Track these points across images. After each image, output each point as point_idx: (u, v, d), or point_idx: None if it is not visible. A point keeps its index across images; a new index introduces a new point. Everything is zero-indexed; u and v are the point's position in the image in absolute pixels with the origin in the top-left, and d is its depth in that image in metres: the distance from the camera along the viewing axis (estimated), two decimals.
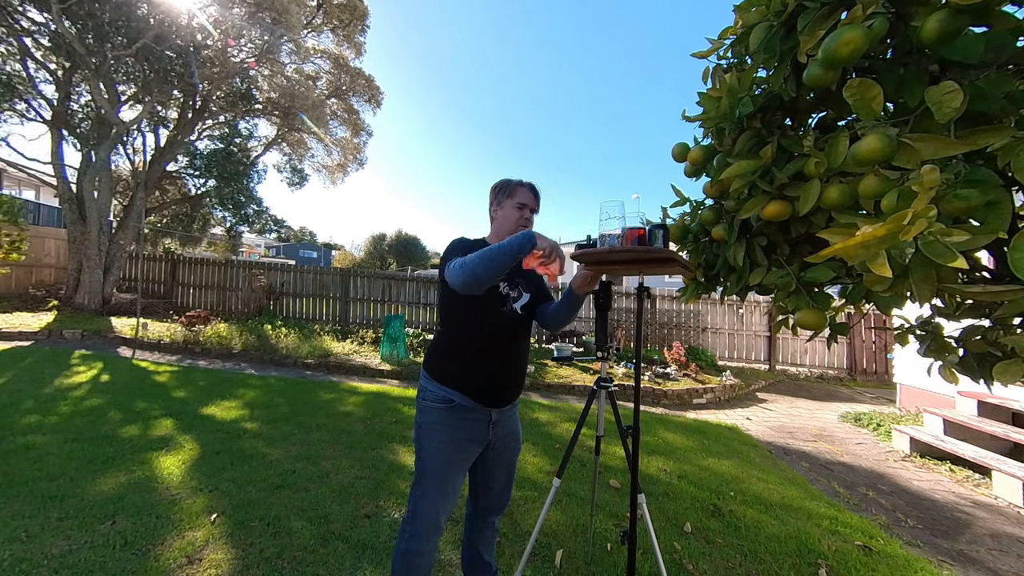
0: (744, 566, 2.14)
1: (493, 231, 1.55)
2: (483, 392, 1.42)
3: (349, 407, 4.26)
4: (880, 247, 0.66)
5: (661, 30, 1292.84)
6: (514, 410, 1.57)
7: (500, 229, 1.51)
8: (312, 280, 9.22)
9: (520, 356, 1.52)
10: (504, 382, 1.46)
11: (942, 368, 1.02)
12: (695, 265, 1.40)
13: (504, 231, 1.48)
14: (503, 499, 1.61)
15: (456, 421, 1.40)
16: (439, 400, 1.42)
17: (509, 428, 1.54)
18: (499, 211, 1.52)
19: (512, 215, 1.49)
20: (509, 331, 1.46)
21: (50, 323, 7.07)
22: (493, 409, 1.44)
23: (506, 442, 1.54)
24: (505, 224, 1.50)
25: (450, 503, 1.40)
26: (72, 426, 3.24)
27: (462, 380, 1.41)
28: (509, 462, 1.57)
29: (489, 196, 1.57)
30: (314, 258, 48.08)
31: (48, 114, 8.72)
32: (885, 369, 8.21)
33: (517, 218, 1.49)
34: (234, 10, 8.68)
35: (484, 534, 1.64)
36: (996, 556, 2.53)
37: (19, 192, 14.86)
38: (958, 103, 0.66)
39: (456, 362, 1.43)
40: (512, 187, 1.51)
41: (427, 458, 1.41)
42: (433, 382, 1.45)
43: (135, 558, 1.87)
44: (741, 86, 1.07)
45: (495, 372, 1.44)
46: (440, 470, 1.39)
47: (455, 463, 1.40)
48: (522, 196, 1.50)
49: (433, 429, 1.42)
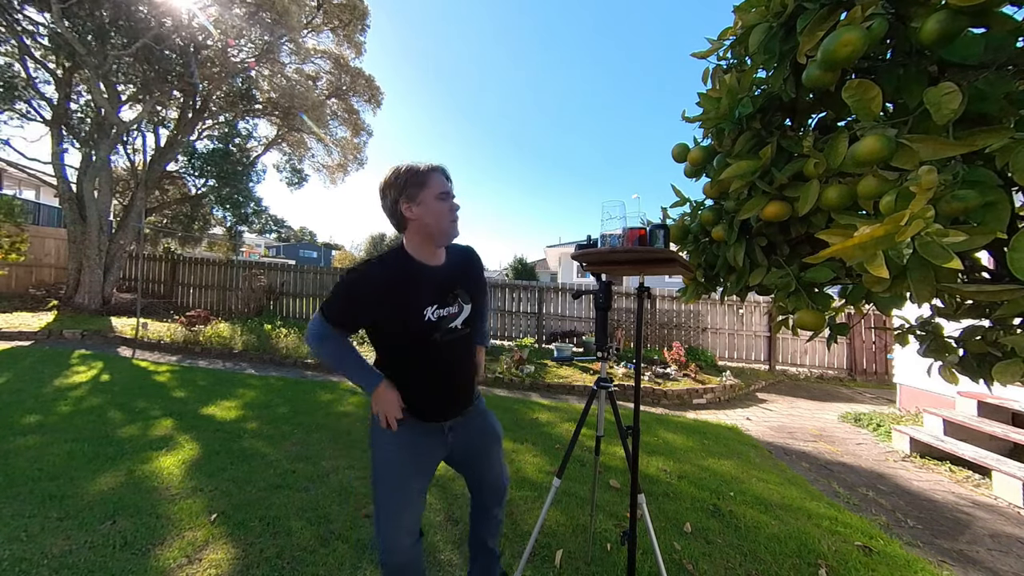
0: (744, 566, 2.14)
1: (413, 230, 1.28)
2: (429, 413, 1.37)
3: (349, 407, 4.26)
4: (877, 248, 0.66)
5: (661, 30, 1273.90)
6: (475, 412, 1.49)
7: (430, 228, 1.26)
8: (312, 280, 9.22)
9: (463, 371, 1.43)
10: (450, 400, 1.40)
11: (942, 368, 1.02)
12: (695, 265, 1.41)
13: (437, 228, 1.27)
14: (500, 489, 1.58)
15: (407, 433, 1.33)
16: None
17: (476, 427, 1.49)
18: (416, 208, 1.25)
19: (439, 208, 1.26)
20: (447, 353, 1.33)
21: (50, 323, 7.07)
22: (444, 422, 1.40)
23: (479, 440, 1.49)
24: (436, 221, 1.26)
25: (413, 508, 1.32)
26: (72, 426, 3.25)
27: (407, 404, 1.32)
28: (488, 456, 1.52)
29: (390, 193, 1.26)
30: (314, 258, 48.09)
31: (48, 114, 8.71)
32: (885, 369, 8.20)
33: (448, 210, 1.27)
34: (234, 10, 8.68)
35: (488, 525, 1.62)
36: (996, 556, 2.53)
37: (19, 192, 14.85)
38: (957, 104, 0.66)
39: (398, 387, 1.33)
40: (423, 176, 1.25)
41: (380, 469, 1.33)
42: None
43: (135, 558, 1.87)
44: (741, 87, 1.07)
45: (438, 395, 1.37)
46: (392, 480, 1.31)
47: (410, 474, 1.32)
48: (440, 184, 1.27)
49: (382, 442, 1.34)
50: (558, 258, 22.93)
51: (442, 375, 1.35)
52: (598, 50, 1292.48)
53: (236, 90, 10.20)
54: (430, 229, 1.27)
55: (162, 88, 8.72)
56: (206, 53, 8.93)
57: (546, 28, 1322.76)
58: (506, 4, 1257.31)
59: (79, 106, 9.30)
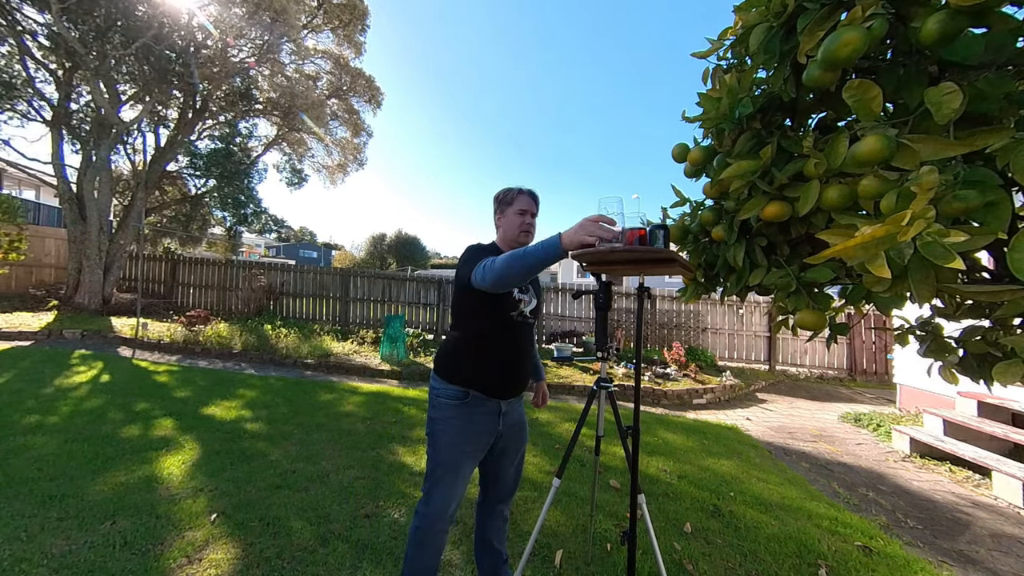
0: (744, 566, 2.14)
1: (500, 237, 1.67)
2: (493, 386, 1.55)
3: (349, 407, 4.26)
4: (878, 248, 0.66)
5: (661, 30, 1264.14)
6: (520, 402, 1.72)
7: (506, 235, 1.64)
8: (312, 280, 9.22)
9: (527, 353, 1.65)
10: (513, 376, 1.59)
11: (942, 368, 1.02)
12: (695, 265, 1.40)
13: (510, 236, 1.62)
14: (512, 487, 1.73)
15: (469, 415, 1.53)
16: (452, 396, 1.53)
17: (517, 418, 1.68)
18: (503, 219, 1.64)
19: (515, 221, 1.61)
20: (518, 331, 1.59)
21: (50, 323, 7.07)
22: (503, 400, 1.58)
23: (515, 431, 1.67)
24: (510, 230, 1.62)
25: (460, 489, 1.54)
26: (72, 426, 3.25)
27: (474, 378, 1.53)
28: (518, 451, 1.70)
29: (493, 205, 1.69)
30: (314, 258, 48.07)
31: (48, 114, 8.71)
32: (885, 369, 8.20)
33: (520, 223, 1.61)
34: (234, 10, 8.67)
35: (494, 522, 1.75)
36: (996, 556, 2.53)
37: (19, 192, 14.86)
38: (957, 104, 0.66)
39: (469, 361, 1.54)
40: (512, 195, 1.63)
41: (442, 450, 1.52)
42: (444, 383, 1.55)
43: (135, 558, 1.87)
44: (741, 87, 1.07)
45: (505, 368, 1.57)
46: (454, 461, 1.51)
47: (468, 454, 1.53)
48: (522, 203, 1.62)
49: (447, 423, 1.53)
50: None
51: (514, 350, 1.59)
52: (598, 50, 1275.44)
53: (236, 90, 10.19)
54: (507, 235, 1.63)
55: (162, 88, 8.72)
56: (206, 53, 8.92)
57: (546, 28, 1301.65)
58: (506, 4, 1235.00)
59: (79, 106, 9.30)
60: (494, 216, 1.69)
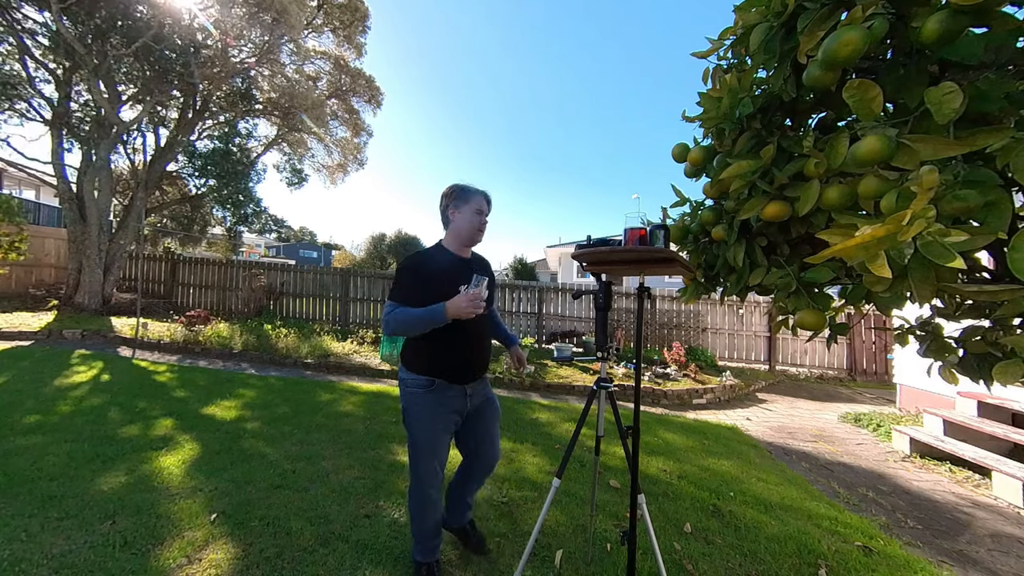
0: (744, 566, 2.14)
1: (452, 229, 1.76)
2: (455, 375, 1.70)
3: (349, 407, 4.26)
4: (879, 248, 0.66)
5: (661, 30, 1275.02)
6: (485, 382, 1.88)
7: (459, 228, 1.74)
8: (312, 280, 9.21)
9: (484, 339, 1.82)
10: (473, 363, 1.75)
11: (942, 368, 1.02)
12: (695, 265, 1.40)
13: (464, 232, 1.74)
14: (493, 457, 1.88)
15: (437, 398, 1.68)
16: (420, 385, 1.68)
17: (485, 395, 1.86)
18: (457, 213, 1.73)
19: (473, 220, 1.72)
20: (471, 324, 1.67)
21: (50, 323, 7.07)
22: (467, 385, 1.74)
23: (485, 406, 1.85)
24: (464, 225, 1.73)
25: (442, 458, 1.73)
26: (72, 426, 3.24)
27: (438, 368, 1.68)
28: (491, 424, 1.87)
29: (443, 199, 1.77)
30: (314, 258, 48.04)
31: (48, 114, 8.70)
32: (885, 369, 8.20)
33: (478, 223, 1.74)
34: (234, 10, 8.67)
35: (472, 486, 1.95)
36: (996, 556, 2.53)
37: (19, 192, 14.86)
38: (957, 104, 0.66)
39: (429, 354, 1.69)
40: (470, 194, 1.74)
41: (416, 433, 1.69)
42: (412, 373, 1.70)
43: (135, 558, 1.87)
44: (741, 87, 1.07)
45: (463, 358, 1.71)
46: (428, 439, 1.68)
47: (439, 431, 1.69)
48: (480, 203, 1.74)
49: (417, 408, 1.68)
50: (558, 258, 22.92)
51: (468, 341, 1.71)
52: (598, 50, 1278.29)
53: (236, 90, 10.18)
54: (461, 230, 1.74)
55: (162, 88, 8.71)
56: (206, 53, 8.91)
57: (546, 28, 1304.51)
58: (506, 4, 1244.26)
59: (79, 106, 9.29)
60: (445, 209, 1.76)
